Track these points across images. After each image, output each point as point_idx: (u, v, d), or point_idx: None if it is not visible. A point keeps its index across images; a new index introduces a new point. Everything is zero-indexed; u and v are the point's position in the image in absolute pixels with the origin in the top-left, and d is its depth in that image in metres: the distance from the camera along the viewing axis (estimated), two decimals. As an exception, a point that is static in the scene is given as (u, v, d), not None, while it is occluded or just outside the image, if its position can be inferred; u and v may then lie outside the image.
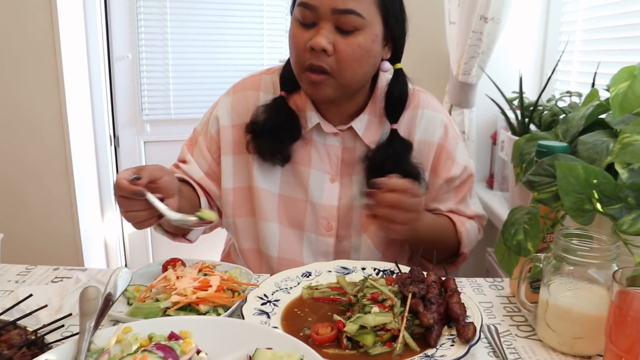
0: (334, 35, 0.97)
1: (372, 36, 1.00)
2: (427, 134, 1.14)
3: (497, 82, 1.70)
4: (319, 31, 0.97)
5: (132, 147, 2.62)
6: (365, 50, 0.99)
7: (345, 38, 0.97)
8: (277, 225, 1.15)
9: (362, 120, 1.11)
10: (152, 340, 0.66)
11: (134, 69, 2.54)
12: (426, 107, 1.15)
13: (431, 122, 1.15)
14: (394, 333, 0.74)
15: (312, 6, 0.97)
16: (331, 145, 1.14)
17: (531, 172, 0.86)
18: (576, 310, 0.74)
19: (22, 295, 0.82)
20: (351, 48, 0.98)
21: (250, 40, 2.61)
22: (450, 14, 2.02)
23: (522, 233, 0.84)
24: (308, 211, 1.15)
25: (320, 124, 1.12)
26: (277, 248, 1.15)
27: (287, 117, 1.10)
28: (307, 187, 1.14)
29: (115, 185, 0.86)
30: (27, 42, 2.17)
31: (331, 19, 0.97)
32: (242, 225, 1.18)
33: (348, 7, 0.96)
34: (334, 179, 1.14)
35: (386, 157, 1.07)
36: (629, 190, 0.73)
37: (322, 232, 1.14)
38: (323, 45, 0.96)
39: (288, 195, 1.15)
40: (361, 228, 1.14)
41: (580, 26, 1.85)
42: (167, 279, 0.87)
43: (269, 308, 0.84)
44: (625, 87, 0.83)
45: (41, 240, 2.36)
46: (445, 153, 1.15)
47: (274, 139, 1.10)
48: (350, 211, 1.14)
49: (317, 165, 1.14)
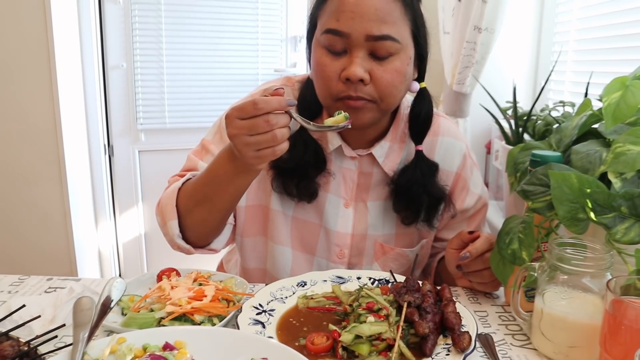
0: (369, 63, 0.92)
1: (407, 59, 0.95)
2: (446, 162, 1.11)
3: (491, 91, 1.71)
4: (352, 60, 0.91)
5: (126, 156, 2.62)
6: (402, 74, 0.95)
7: (381, 64, 0.92)
8: (290, 250, 1.11)
9: (383, 147, 1.08)
10: (146, 350, 0.65)
11: (128, 78, 2.54)
12: (446, 135, 1.12)
13: (450, 150, 1.12)
14: (390, 342, 0.74)
15: (343, 33, 0.91)
16: (347, 169, 1.09)
17: (525, 181, 0.87)
18: (571, 319, 0.74)
19: (15, 306, 0.82)
20: (389, 74, 0.92)
21: (246, 50, 2.62)
22: (445, 24, 2.04)
23: (516, 242, 0.84)
24: (321, 236, 1.11)
25: (341, 147, 1.07)
26: (289, 273, 1.12)
27: (313, 151, 1.05)
28: (322, 211, 1.10)
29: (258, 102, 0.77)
30: (21, 50, 2.17)
31: (365, 45, 0.91)
32: (250, 244, 1.14)
33: (383, 32, 0.90)
34: (348, 204, 1.10)
35: (414, 181, 1.04)
36: (622, 199, 0.73)
37: (334, 259, 1.11)
38: (360, 75, 0.90)
39: (302, 218, 1.11)
40: (374, 256, 1.12)
41: (573, 37, 1.87)
42: (162, 289, 0.87)
43: (264, 318, 0.84)
44: (617, 97, 0.84)
45: (35, 250, 2.35)
46: (461, 182, 1.12)
47: (301, 177, 1.04)
48: (363, 239, 1.11)
49: (333, 190, 1.10)
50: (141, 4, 2.47)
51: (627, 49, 1.54)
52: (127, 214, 2.70)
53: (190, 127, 2.57)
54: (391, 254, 1.11)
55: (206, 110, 2.56)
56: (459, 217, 1.14)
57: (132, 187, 2.66)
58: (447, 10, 2.01)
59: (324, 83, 0.95)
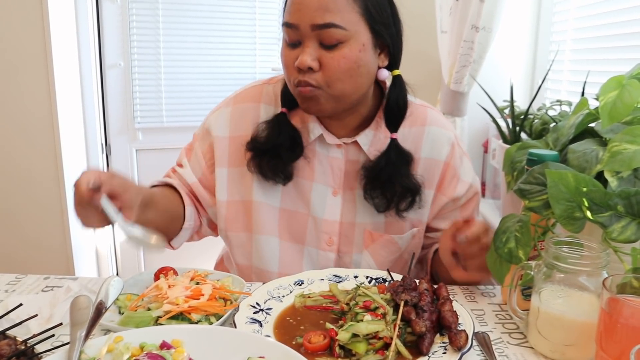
0: (318, 52, 0.96)
1: (358, 46, 0.97)
2: (434, 152, 1.12)
3: (489, 90, 1.71)
4: (303, 49, 0.97)
5: (124, 155, 2.61)
6: (352, 61, 0.97)
7: (329, 52, 0.96)
8: (277, 240, 1.13)
9: (367, 135, 1.09)
10: (143, 349, 0.65)
11: (126, 77, 2.54)
12: (433, 124, 1.13)
13: (438, 139, 1.12)
14: (387, 341, 0.74)
15: (293, 25, 0.96)
16: (334, 158, 1.11)
17: (522, 180, 0.87)
18: (567, 318, 0.74)
19: (12, 305, 0.82)
20: (336, 61, 0.96)
21: (243, 49, 2.62)
22: (442, 23, 2.04)
23: (513, 241, 0.84)
24: (309, 225, 1.13)
25: (323, 136, 1.10)
26: (277, 263, 1.13)
27: (288, 134, 1.08)
28: (309, 200, 1.12)
29: (75, 186, 0.84)
30: (18, 49, 2.16)
31: (313, 35, 0.96)
32: (235, 240, 1.16)
33: (326, 21, 0.94)
34: (337, 192, 1.12)
35: (383, 168, 1.05)
36: (619, 198, 0.74)
37: (324, 246, 1.13)
38: (308, 63, 0.95)
39: (290, 209, 1.13)
40: (363, 244, 1.13)
41: (570, 36, 1.87)
42: (159, 287, 0.87)
43: (262, 316, 0.84)
44: (614, 96, 0.84)
45: (32, 249, 2.34)
46: (451, 171, 1.13)
47: (276, 158, 1.08)
48: (352, 226, 1.13)
49: (319, 179, 1.12)
50: (139, 3, 2.47)
51: (624, 48, 1.54)
52: (125, 213, 2.70)
53: (188, 126, 2.56)
54: (380, 241, 1.12)
55: (204, 109, 2.52)
56: (451, 206, 1.15)
57: (129, 186, 2.66)
58: (444, 9, 2.01)
59: (286, 72, 1.02)
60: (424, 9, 2.15)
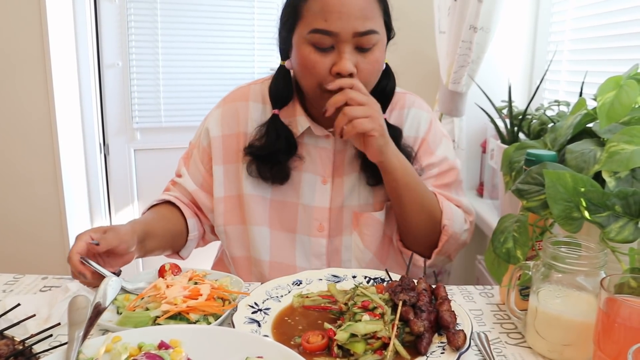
0: (355, 56, 1.00)
1: (383, 46, 1.05)
2: (413, 129, 1.19)
3: (487, 91, 1.72)
4: (341, 55, 0.99)
5: (122, 155, 2.61)
6: (380, 62, 1.05)
7: (365, 56, 1.01)
8: (268, 229, 1.17)
9: None
10: (141, 349, 0.65)
11: (124, 77, 2.53)
12: (412, 106, 1.20)
13: (416, 118, 1.20)
14: (385, 341, 0.74)
15: (332, 33, 0.98)
16: (323, 148, 1.16)
17: (520, 180, 0.87)
18: (565, 318, 0.74)
19: (10, 305, 0.81)
20: (372, 65, 1.02)
21: (242, 49, 2.61)
22: (440, 23, 2.04)
23: (511, 241, 0.84)
24: (300, 213, 1.17)
25: (310, 128, 1.14)
26: (269, 252, 1.17)
27: (284, 137, 1.12)
28: (299, 190, 1.16)
29: (68, 258, 0.91)
30: (16, 49, 2.16)
31: (352, 41, 0.99)
32: (233, 232, 1.19)
33: (368, 28, 0.99)
34: (326, 180, 1.16)
35: None
36: (616, 198, 0.74)
37: (315, 233, 1.16)
38: (351, 70, 0.99)
39: (280, 200, 1.17)
40: (352, 225, 1.16)
41: (568, 36, 1.88)
42: (157, 287, 0.87)
43: (260, 316, 0.84)
44: (611, 97, 0.84)
45: (30, 249, 2.34)
46: (425, 145, 1.19)
47: (275, 163, 1.12)
48: (340, 211, 1.17)
49: (308, 168, 1.16)
50: (137, 2, 2.46)
51: (622, 48, 1.54)
52: (123, 213, 2.69)
53: (186, 126, 2.56)
54: (361, 219, 1.16)
55: (202, 109, 2.52)
56: (425, 175, 1.18)
57: (127, 186, 2.65)
58: (442, 9, 2.01)
59: (314, 77, 1.02)
60: (422, 10, 2.15)
